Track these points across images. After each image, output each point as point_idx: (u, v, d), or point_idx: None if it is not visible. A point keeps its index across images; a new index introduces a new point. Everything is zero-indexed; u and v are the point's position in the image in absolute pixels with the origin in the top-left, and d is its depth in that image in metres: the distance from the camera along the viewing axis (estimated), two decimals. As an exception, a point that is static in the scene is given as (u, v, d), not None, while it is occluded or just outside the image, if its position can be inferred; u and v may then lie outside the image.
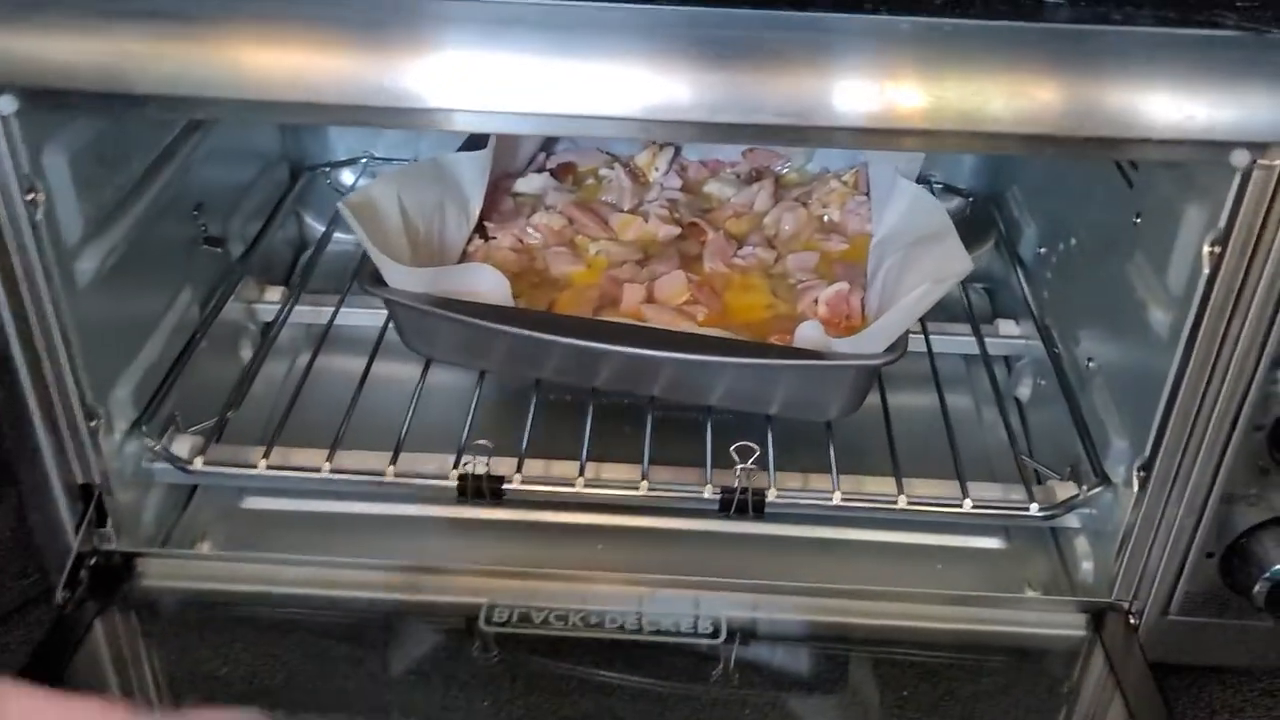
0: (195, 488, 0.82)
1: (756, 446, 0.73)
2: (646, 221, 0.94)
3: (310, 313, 0.94)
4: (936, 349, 0.90)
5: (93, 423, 0.69)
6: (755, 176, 1.02)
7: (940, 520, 0.75)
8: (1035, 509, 0.74)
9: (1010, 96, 0.56)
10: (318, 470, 0.75)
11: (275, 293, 0.96)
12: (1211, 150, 0.57)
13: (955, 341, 0.93)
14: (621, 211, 0.96)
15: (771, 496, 0.73)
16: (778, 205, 0.97)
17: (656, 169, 1.01)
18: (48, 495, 0.71)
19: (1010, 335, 0.94)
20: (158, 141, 0.78)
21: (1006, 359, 0.95)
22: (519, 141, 1.01)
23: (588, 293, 0.86)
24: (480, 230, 0.92)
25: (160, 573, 0.75)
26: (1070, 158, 0.84)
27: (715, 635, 0.72)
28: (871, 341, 0.74)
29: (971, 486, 0.76)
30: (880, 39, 0.56)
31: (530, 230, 0.92)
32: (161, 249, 0.79)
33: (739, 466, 0.72)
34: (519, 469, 0.75)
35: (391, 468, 0.74)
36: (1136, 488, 0.68)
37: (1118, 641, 0.71)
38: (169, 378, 0.79)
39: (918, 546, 0.81)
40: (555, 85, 0.56)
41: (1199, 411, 0.64)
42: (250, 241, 0.95)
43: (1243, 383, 0.62)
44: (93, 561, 0.73)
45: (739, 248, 0.92)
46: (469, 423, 0.78)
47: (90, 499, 0.72)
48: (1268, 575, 0.65)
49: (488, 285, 0.79)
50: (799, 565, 0.78)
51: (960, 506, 0.73)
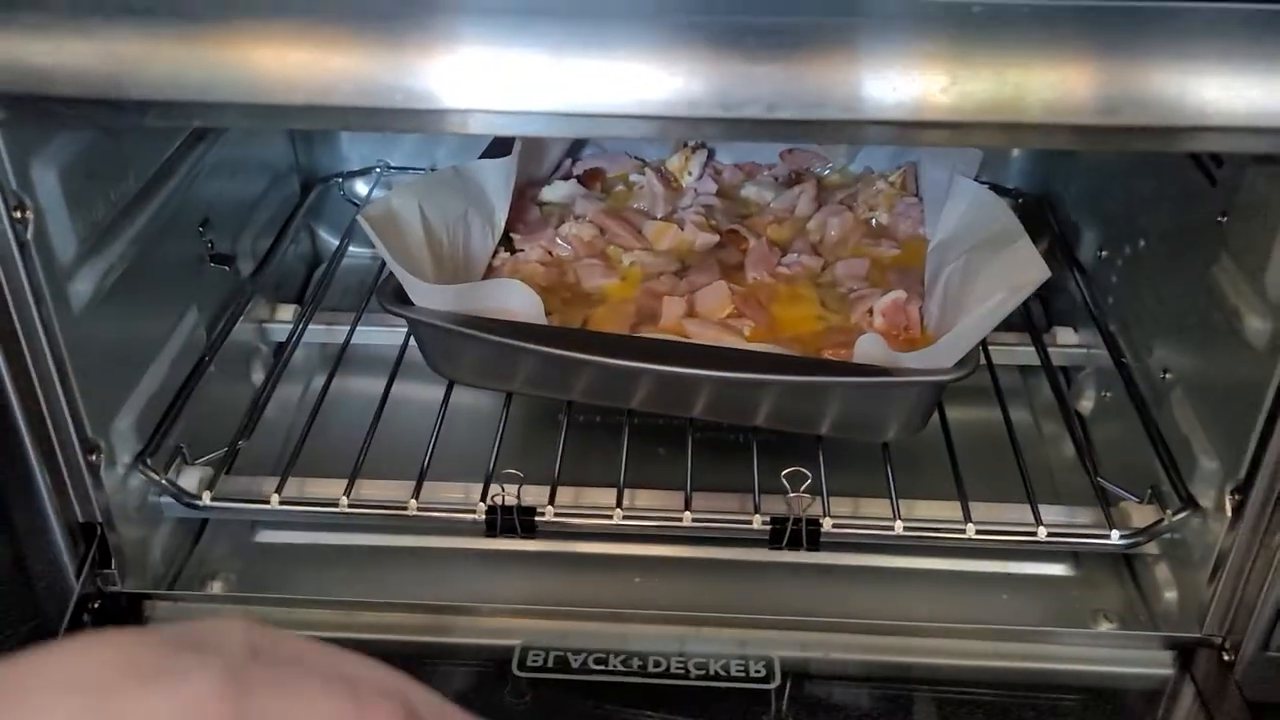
0: (206, 521, 0.77)
1: (808, 473, 0.67)
2: (682, 229, 0.89)
3: (325, 332, 0.89)
4: (995, 360, 0.84)
5: (93, 456, 0.64)
6: (795, 179, 0.96)
7: (1010, 549, 0.69)
8: (1117, 537, 0.67)
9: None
10: (335, 504, 0.69)
11: (288, 311, 0.91)
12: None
13: (1009, 352, 0.87)
14: (654, 219, 0.90)
15: (827, 526, 0.67)
16: (821, 209, 0.91)
17: (690, 173, 0.96)
18: (46, 535, 0.66)
19: (1070, 344, 0.88)
20: (158, 154, 0.73)
21: (1065, 369, 0.89)
22: (544, 147, 0.95)
23: (624, 307, 0.80)
24: (505, 242, 0.87)
25: (169, 615, 0.70)
26: (1115, 150, 0.78)
27: (768, 679, 0.66)
28: (942, 355, 0.68)
29: (1053, 509, 0.71)
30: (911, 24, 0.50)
31: (559, 241, 0.87)
32: (165, 268, 0.74)
33: (791, 495, 0.66)
34: (551, 499, 0.69)
35: (414, 501, 0.69)
36: (1230, 512, 0.62)
37: (1210, 680, 0.65)
38: (175, 406, 0.73)
39: (980, 575, 0.75)
40: (580, 81, 0.51)
41: (1304, 428, 0.58)
42: (260, 258, 0.90)
43: (1357, 396, 0.56)
44: (97, 605, 0.68)
45: (782, 255, 0.86)
46: (496, 449, 0.72)
47: (92, 538, 0.67)
48: (1382, 609, 0.59)
49: (519, 302, 0.73)
50: (853, 597, 0.73)
51: (1035, 535, 0.67)
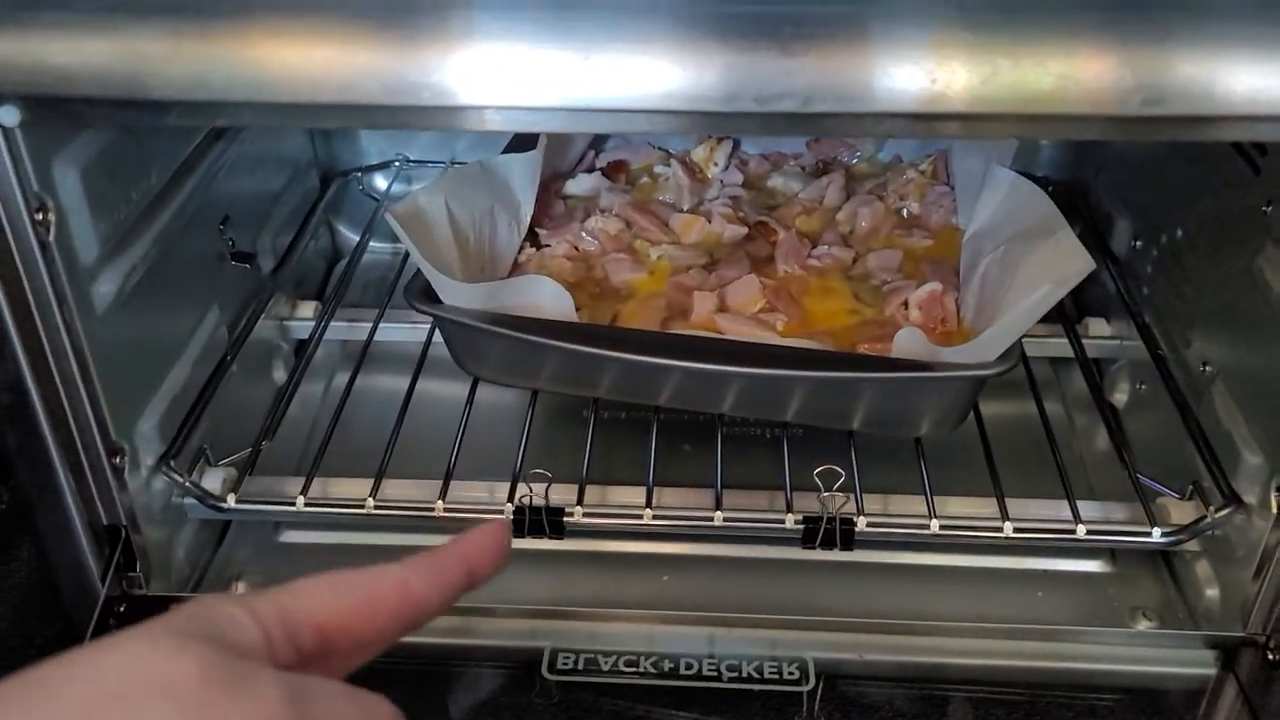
0: (230, 521, 0.77)
1: (841, 470, 0.66)
2: (709, 222, 0.87)
3: (346, 329, 0.88)
4: (1029, 353, 0.82)
5: (116, 459, 0.64)
6: (822, 169, 0.95)
7: (1048, 546, 0.68)
8: (1158, 534, 0.66)
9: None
10: (361, 506, 0.68)
11: (308, 308, 0.90)
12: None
13: (1041, 344, 0.85)
14: (681, 211, 0.89)
15: (861, 525, 0.66)
16: (851, 199, 0.89)
17: (715, 164, 0.94)
18: (71, 538, 0.65)
19: (1103, 336, 0.86)
20: (178, 152, 0.72)
21: (1098, 362, 0.87)
22: (568, 140, 0.94)
23: (653, 302, 0.79)
24: (531, 238, 0.86)
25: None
26: (1141, 139, 0.76)
27: (802, 681, 0.65)
28: (986, 349, 0.66)
29: (1091, 505, 0.69)
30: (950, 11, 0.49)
31: (585, 236, 0.86)
32: (187, 267, 0.73)
33: (823, 494, 0.65)
34: (579, 499, 0.68)
35: (441, 501, 0.68)
36: (1276, 509, 0.61)
37: (1255, 680, 0.64)
38: (198, 406, 0.73)
39: (1014, 572, 0.74)
40: (606, 76, 0.49)
41: (1354, 424, 0.56)
42: (281, 255, 0.89)
43: None
44: (123, 607, 0.68)
45: (813, 247, 0.84)
46: (522, 448, 0.71)
47: (117, 541, 0.66)
48: None
49: (549, 299, 0.72)
50: (885, 596, 0.72)
51: (1074, 533, 0.66)
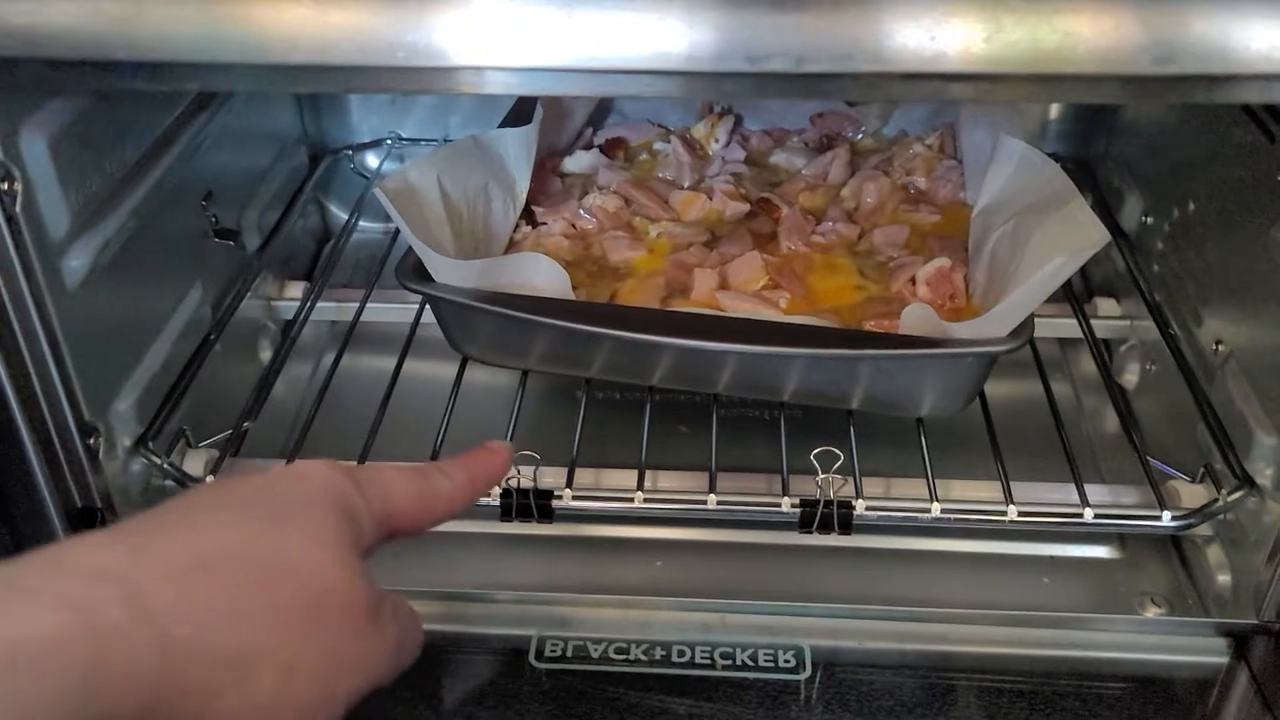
0: (214, 505, 0.75)
1: (839, 452, 0.63)
2: (711, 199, 0.85)
3: (335, 309, 0.86)
4: (1037, 333, 0.80)
5: (91, 440, 0.62)
6: (826, 144, 0.92)
7: (1054, 531, 0.66)
8: (1168, 518, 0.64)
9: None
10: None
11: (297, 288, 0.88)
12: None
13: (1050, 324, 0.83)
14: (681, 189, 0.87)
15: (860, 509, 0.64)
16: (856, 175, 0.87)
17: (716, 140, 0.92)
18: (45, 522, 0.63)
19: (1112, 315, 0.84)
20: (157, 122, 0.70)
21: (1107, 342, 0.85)
22: (565, 116, 0.91)
23: (653, 281, 0.77)
24: (527, 215, 0.83)
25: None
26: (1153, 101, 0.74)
27: (798, 669, 0.63)
28: (996, 325, 0.63)
29: (1098, 489, 0.67)
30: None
31: (583, 213, 0.83)
32: (166, 243, 0.71)
33: (821, 476, 0.63)
34: (569, 481, 0.66)
35: (427, 484, 0.66)
36: (1290, 491, 0.59)
37: (1269, 668, 0.62)
38: (178, 387, 0.71)
39: (1019, 557, 0.71)
40: (596, 33, 0.47)
41: (1372, 403, 0.54)
42: (268, 233, 0.87)
43: None
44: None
45: (817, 224, 0.82)
46: (511, 429, 0.69)
47: (92, 523, 0.64)
48: None
49: (545, 277, 0.69)
50: (886, 582, 0.70)
51: (1081, 517, 0.64)
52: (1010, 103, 0.82)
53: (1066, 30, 0.46)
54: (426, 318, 0.78)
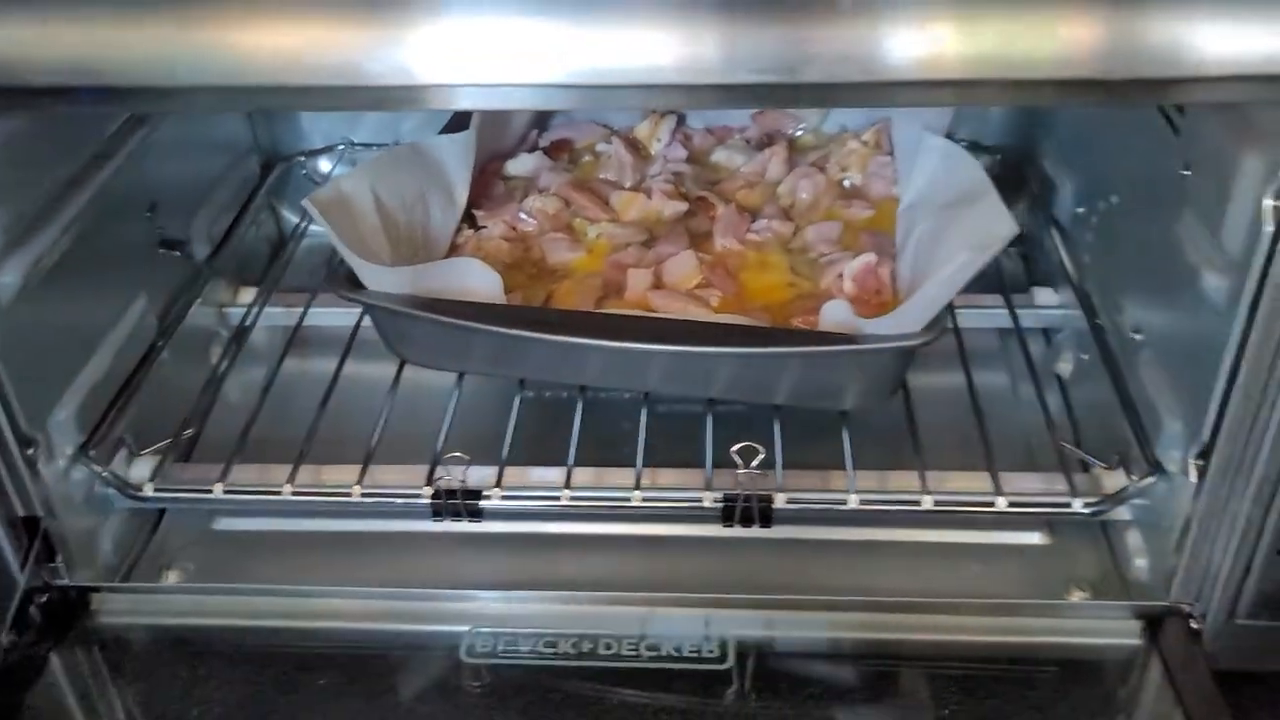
0: (164, 511, 0.76)
1: (761, 447, 0.65)
2: (650, 198, 0.86)
3: (284, 314, 0.88)
4: (968, 323, 0.82)
5: (29, 450, 0.63)
6: (767, 141, 0.93)
7: (973, 519, 0.67)
8: (1079, 504, 0.65)
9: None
10: (278, 492, 0.68)
11: (250, 294, 0.90)
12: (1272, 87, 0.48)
13: (987, 315, 0.85)
14: (624, 189, 0.88)
15: (780, 502, 0.65)
16: (792, 172, 0.88)
17: (658, 140, 0.93)
18: (-13, 529, 0.65)
19: (1048, 305, 0.85)
20: (93, 137, 0.71)
21: (1046, 331, 0.86)
22: (508, 119, 0.93)
23: (589, 282, 0.78)
24: (470, 219, 0.85)
25: (120, 607, 0.70)
26: (1104, 106, 0.75)
27: (722, 659, 0.65)
28: (907, 320, 0.65)
29: (1009, 478, 0.68)
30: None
31: (523, 216, 0.85)
32: (107, 255, 0.72)
33: (741, 471, 0.64)
34: (498, 481, 0.68)
35: (358, 486, 0.68)
36: (1194, 477, 0.60)
37: (1178, 649, 0.63)
38: (121, 395, 0.72)
39: (950, 545, 0.73)
40: (569, 50, 0.49)
41: (1265, 390, 0.56)
42: (218, 241, 0.89)
43: (1313, 356, 0.54)
44: (44, 599, 0.67)
45: (753, 221, 0.83)
46: (444, 431, 0.71)
47: (35, 531, 0.66)
48: (1352, 575, 0.57)
49: (477, 281, 0.71)
50: (818, 572, 0.71)
51: (994, 505, 0.65)
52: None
53: (1028, 39, 0.48)
54: (368, 321, 0.80)
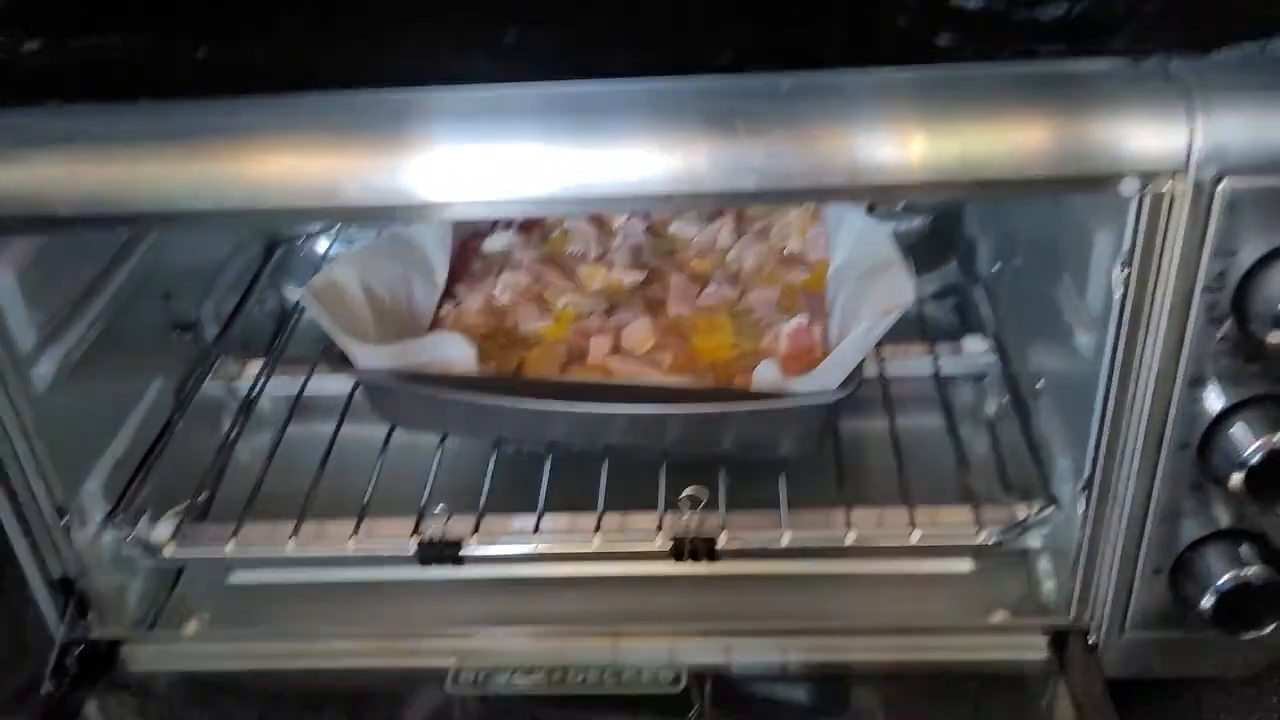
0: (183, 567, 0.85)
1: (705, 493, 0.74)
2: (611, 270, 0.96)
3: (287, 383, 0.96)
4: (903, 373, 0.90)
5: (64, 520, 0.72)
6: (718, 213, 1.03)
7: (893, 551, 0.76)
8: (983, 536, 0.74)
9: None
10: (283, 548, 0.77)
11: (256, 366, 0.98)
12: (1099, 183, 0.57)
13: (921, 364, 0.93)
14: (588, 261, 0.97)
15: (722, 542, 0.74)
16: (739, 240, 0.98)
17: (618, 215, 1.03)
18: (27, 590, 0.74)
19: (975, 352, 0.94)
20: (114, 240, 0.81)
21: (978, 376, 0.95)
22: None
23: (556, 348, 0.87)
24: (451, 293, 0.94)
25: (146, 656, 0.78)
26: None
27: (675, 683, 0.73)
28: (825, 378, 0.74)
29: (938, 511, 0.77)
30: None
31: (498, 290, 0.94)
32: (128, 342, 0.81)
33: (686, 515, 0.73)
34: (476, 529, 0.76)
35: (352, 540, 0.77)
36: (1081, 507, 0.68)
37: (1077, 662, 0.71)
38: (143, 466, 0.81)
39: (887, 575, 0.81)
40: (559, 171, 0.58)
41: (1126, 431, 0.64)
42: (225, 321, 0.98)
43: (1162, 402, 0.62)
44: (79, 650, 0.76)
45: (703, 288, 0.92)
46: (429, 488, 0.80)
47: (70, 591, 0.74)
48: (1213, 589, 0.65)
49: (455, 352, 0.81)
50: (768, 602, 0.80)
51: (908, 538, 0.74)
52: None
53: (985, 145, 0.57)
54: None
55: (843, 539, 0.74)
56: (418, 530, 0.76)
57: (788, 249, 0.96)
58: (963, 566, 0.82)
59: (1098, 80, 0.57)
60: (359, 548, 0.76)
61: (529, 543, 0.76)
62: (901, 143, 0.57)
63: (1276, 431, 0.60)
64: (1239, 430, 0.61)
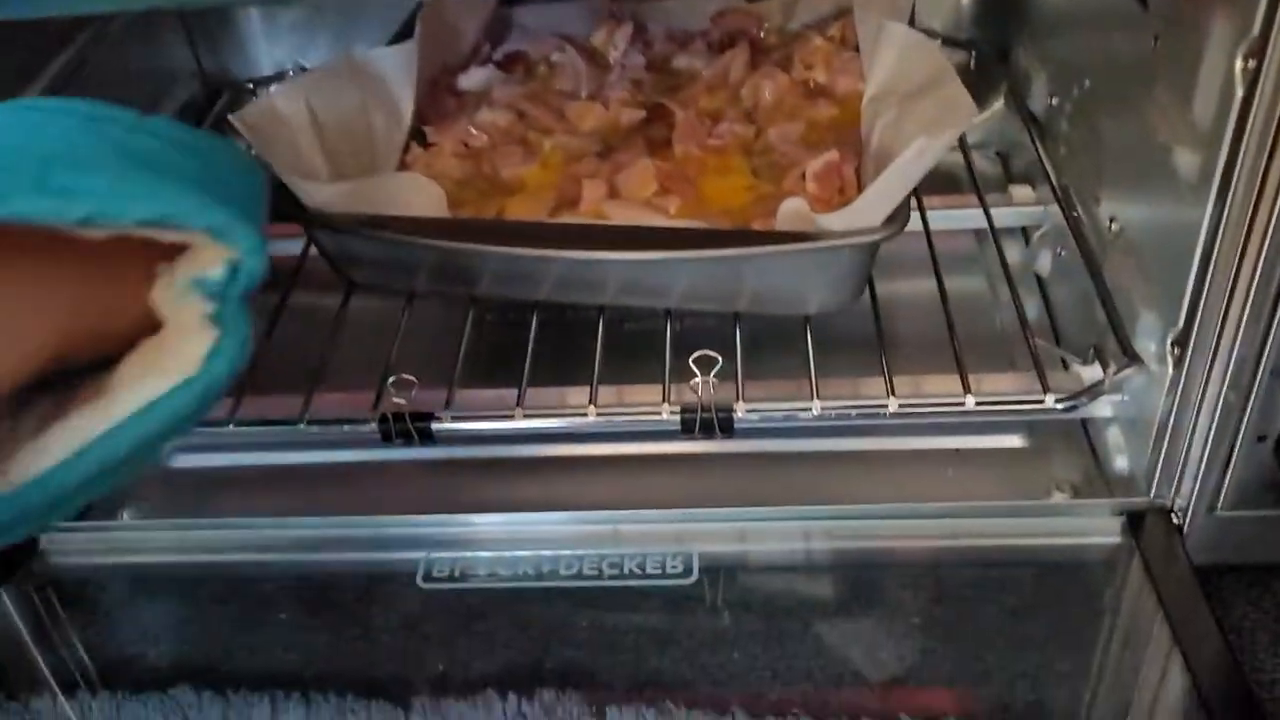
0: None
1: (718, 356, 0.62)
2: (607, 108, 0.83)
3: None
4: (944, 225, 0.78)
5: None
6: (729, 44, 0.89)
7: (942, 422, 0.65)
8: (1051, 400, 0.63)
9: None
10: (226, 424, 0.66)
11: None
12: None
13: (962, 215, 0.81)
14: (579, 99, 0.85)
15: (740, 412, 0.63)
16: (755, 73, 0.84)
17: (615, 47, 0.89)
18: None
19: (1025, 202, 0.82)
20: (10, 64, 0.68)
21: (1025, 230, 0.83)
22: (455, 32, 0.89)
23: (542, 194, 0.75)
24: (420, 136, 0.81)
25: (71, 547, 0.68)
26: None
27: (685, 574, 0.63)
28: (864, 214, 0.61)
29: (982, 379, 0.65)
30: None
31: (474, 131, 0.81)
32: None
33: (698, 380, 0.61)
34: (448, 403, 0.65)
35: (304, 415, 0.65)
36: (1171, 366, 0.57)
37: (1158, 546, 0.61)
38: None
39: (925, 452, 0.71)
40: None
41: (1239, 269, 0.53)
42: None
43: (1283, 234, 0.50)
44: (-4, 543, 0.66)
45: (715, 126, 0.80)
46: (392, 355, 0.68)
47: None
48: (1333, 459, 0.54)
49: (418, 196, 0.68)
50: (789, 484, 0.69)
51: (962, 405, 0.63)
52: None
53: None
54: (314, 251, 0.77)
55: (884, 410, 0.63)
56: (379, 403, 0.65)
57: (812, 81, 0.83)
58: (1013, 441, 0.71)
59: None
60: (313, 423, 0.65)
61: (511, 419, 0.64)
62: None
63: None
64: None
